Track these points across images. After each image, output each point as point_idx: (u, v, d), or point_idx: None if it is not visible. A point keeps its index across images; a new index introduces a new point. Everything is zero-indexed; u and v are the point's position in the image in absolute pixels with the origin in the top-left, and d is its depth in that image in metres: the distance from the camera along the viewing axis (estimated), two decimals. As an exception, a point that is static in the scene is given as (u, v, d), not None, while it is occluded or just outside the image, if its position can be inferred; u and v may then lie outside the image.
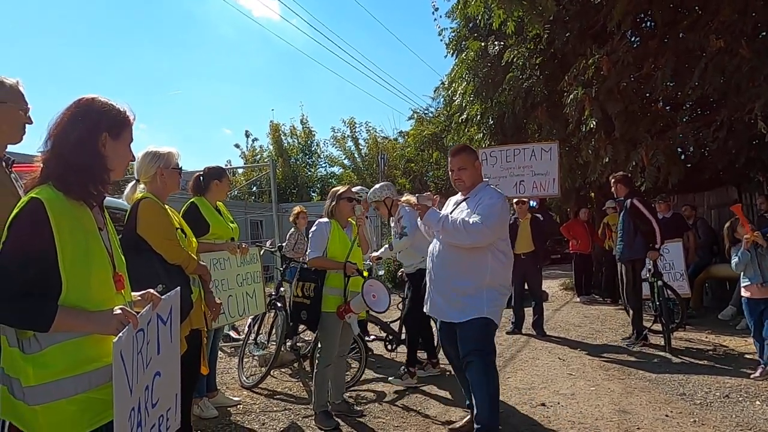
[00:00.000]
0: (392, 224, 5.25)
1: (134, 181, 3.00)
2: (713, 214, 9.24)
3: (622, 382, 4.78)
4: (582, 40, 8.55)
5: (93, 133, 1.63)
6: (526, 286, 7.56)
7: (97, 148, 1.64)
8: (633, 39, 8.79)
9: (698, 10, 7.63)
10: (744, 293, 4.88)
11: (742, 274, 4.88)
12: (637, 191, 6.68)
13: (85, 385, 1.51)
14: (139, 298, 1.73)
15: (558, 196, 7.77)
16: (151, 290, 1.71)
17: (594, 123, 7.75)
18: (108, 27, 51.36)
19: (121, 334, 1.45)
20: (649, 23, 9.11)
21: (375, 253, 5.50)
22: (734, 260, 4.84)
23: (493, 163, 7.16)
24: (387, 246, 5.47)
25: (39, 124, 1.82)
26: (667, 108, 8.73)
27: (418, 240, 4.71)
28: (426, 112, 23.43)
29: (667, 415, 3.91)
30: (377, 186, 5.51)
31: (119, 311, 1.53)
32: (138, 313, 1.59)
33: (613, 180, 6.49)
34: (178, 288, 1.77)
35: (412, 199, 3.63)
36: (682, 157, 8.97)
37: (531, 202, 8.37)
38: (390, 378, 5.03)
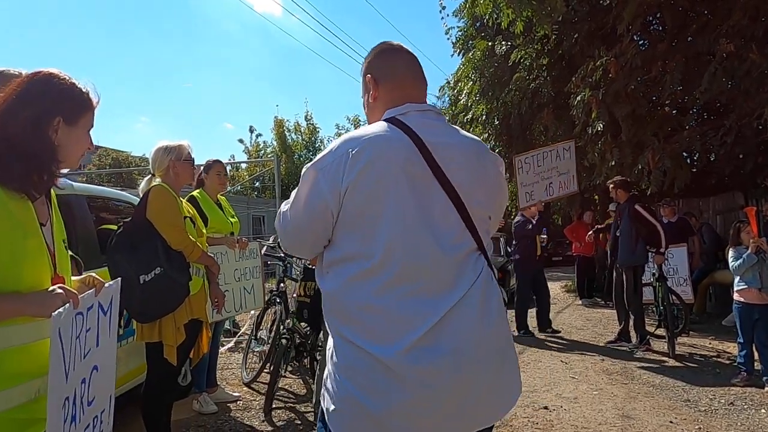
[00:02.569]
0: None
1: (149, 175, 3.10)
2: (719, 219, 9.18)
3: (626, 387, 4.74)
4: (590, 42, 8.52)
5: (46, 116, 1.37)
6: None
7: (48, 135, 1.37)
8: (642, 42, 8.75)
9: (708, 14, 7.59)
10: (738, 297, 4.78)
11: (738, 277, 4.80)
12: (637, 196, 6.65)
13: (2, 404, 1.27)
14: (79, 283, 1.52)
15: (577, 192, 7.90)
16: (93, 274, 1.52)
17: (601, 125, 7.72)
18: (110, 18, 51.49)
19: (61, 309, 1.26)
20: (658, 26, 9.07)
21: None
22: (737, 262, 4.73)
23: (528, 169, 7.17)
24: None
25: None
26: (675, 112, 8.70)
27: None
28: (431, 111, 23.38)
29: (671, 422, 3.87)
30: None
31: (59, 290, 1.31)
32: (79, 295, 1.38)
33: (612, 186, 6.43)
34: (119, 279, 1.62)
35: None
36: (689, 161, 8.92)
37: None
38: None
